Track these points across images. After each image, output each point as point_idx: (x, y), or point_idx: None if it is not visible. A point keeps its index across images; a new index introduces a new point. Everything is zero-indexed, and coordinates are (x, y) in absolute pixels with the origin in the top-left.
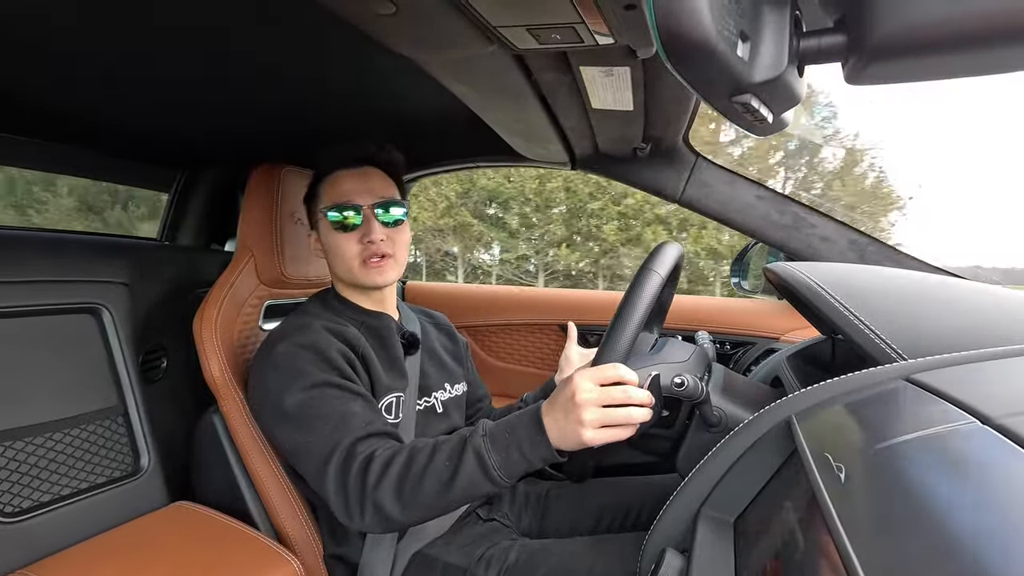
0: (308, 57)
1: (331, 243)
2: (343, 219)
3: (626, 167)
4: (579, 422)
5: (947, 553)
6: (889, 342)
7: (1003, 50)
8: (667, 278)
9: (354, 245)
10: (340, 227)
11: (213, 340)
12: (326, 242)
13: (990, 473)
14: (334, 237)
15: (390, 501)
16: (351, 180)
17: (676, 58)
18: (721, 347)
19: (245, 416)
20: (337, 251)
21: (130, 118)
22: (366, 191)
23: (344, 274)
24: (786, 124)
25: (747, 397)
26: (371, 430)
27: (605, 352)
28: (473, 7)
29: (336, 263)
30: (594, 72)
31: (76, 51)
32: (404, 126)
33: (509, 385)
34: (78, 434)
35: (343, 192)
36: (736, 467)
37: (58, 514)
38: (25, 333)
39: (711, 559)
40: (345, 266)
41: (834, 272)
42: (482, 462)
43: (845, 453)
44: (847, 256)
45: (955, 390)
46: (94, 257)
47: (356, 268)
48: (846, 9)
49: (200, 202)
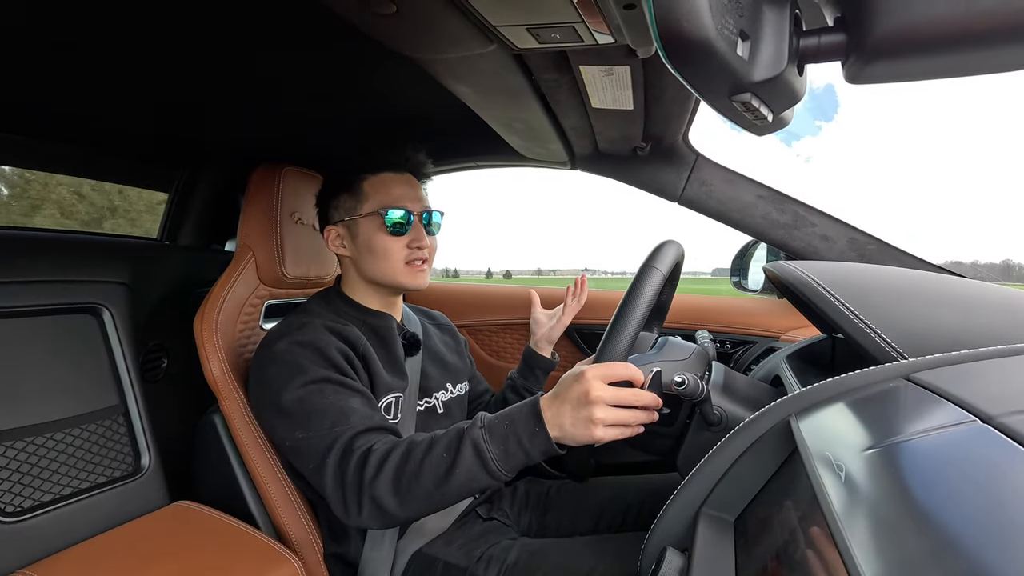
0: (308, 58)
1: (378, 243)
2: (402, 222)
3: (626, 166)
4: (590, 419)
5: (948, 552)
6: (889, 341)
7: (1003, 49)
8: (668, 275)
9: (402, 248)
10: (395, 229)
11: (213, 340)
12: (369, 241)
13: (991, 472)
14: (384, 239)
15: (387, 495)
16: (401, 185)
17: (676, 57)
18: (721, 346)
19: (246, 416)
20: (384, 252)
21: (131, 118)
22: (415, 197)
23: (383, 274)
24: (787, 123)
25: (747, 396)
26: (369, 425)
27: (607, 349)
28: (473, 7)
29: (376, 263)
30: (594, 71)
31: (77, 50)
32: (404, 126)
33: None
34: (79, 434)
35: (398, 196)
36: (736, 466)
37: (59, 514)
38: (26, 333)
39: (711, 558)
40: (390, 267)
41: (834, 271)
42: (480, 454)
43: (845, 452)
44: (847, 255)
45: (956, 389)
46: (94, 257)
47: (401, 270)
48: (846, 8)
49: (200, 202)
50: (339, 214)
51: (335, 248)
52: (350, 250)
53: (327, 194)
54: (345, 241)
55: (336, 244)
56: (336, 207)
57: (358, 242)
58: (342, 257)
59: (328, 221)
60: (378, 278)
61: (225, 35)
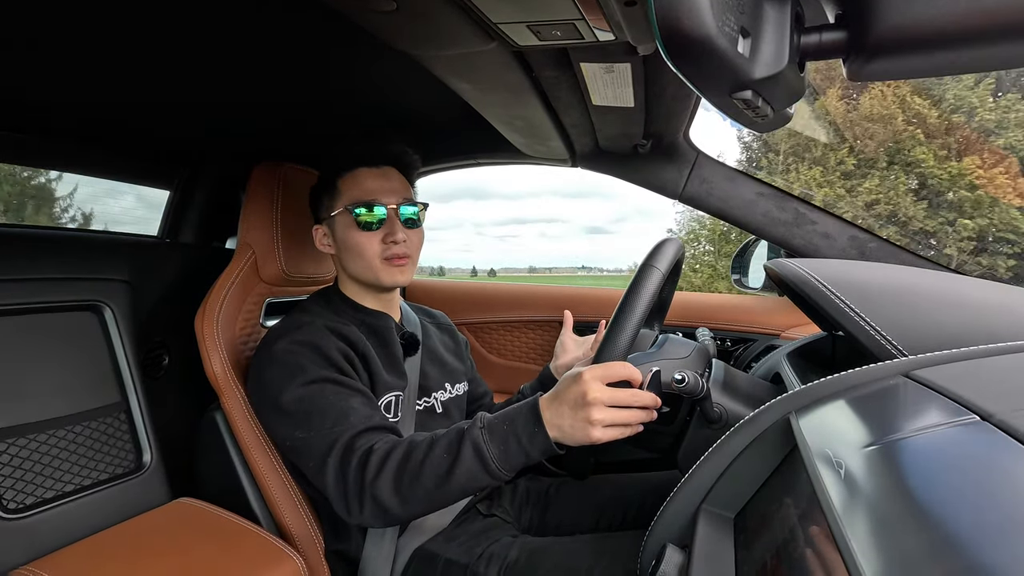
0: (309, 55)
1: (351, 241)
2: (369, 217)
3: (627, 164)
4: (588, 420)
5: (948, 549)
6: (889, 338)
7: (1004, 45)
8: (667, 274)
9: (376, 244)
10: (365, 225)
11: (214, 337)
12: (344, 239)
13: (990, 469)
14: (356, 235)
15: (388, 494)
16: (374, 179)
17: (677, 54)
18: (722, 343)
19: (247, 413)
20: (358, 249)
21: (132, 116)
22: (389, 191)
23: (362, 272)
24: (788, 119)
25: (747, 393)
26: (370, 424)
27: (607, 348)
28: (473, 4)
29: (354, 261)
30: (595, 68)
31: (79, 48)
32: (404, 123)
33: (509, 382)
34: (81, 431)
35: (368, 190)
36: (736, 463)
37: (61, 510)
38: (27, 330)
39: (711, 555)
40: (366, 264)
41: (834, 268)
42: (480, 454)
43: (845, 449)
44: (848, 252)
45: (956, 386)
46: (96, 255)
47: (378, 266)
48: (846, 5)
49: (201, 199)
50: (323, 213)
51: (322, 247)
52: (335, 249)
53: (314, 194)
54: (328, 240)
55: (323, 243)
56: (319, 207)
57: (337, 240)
58: (333, 256)
59: (316, 221)
60: (359, 276)
61: (225, 34)
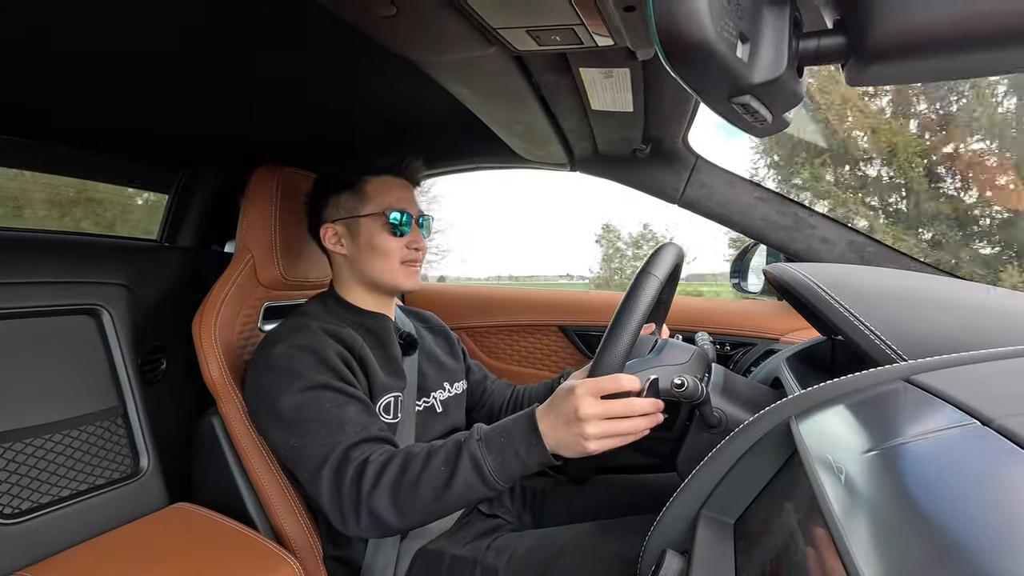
0: (308, 59)
1: (379, 243)
2: (404, 223)
3: (626, 168)
4: (581, 435)
5: (948, 554)
6: (889, 343)
7: (1003, 50)
8: (666, 280)
9: (402, 248)
10: (397, 231)
11: (212, 341)
12: (371, 240)
13: (990, 474)
14: (386, 239)
15: (385, 507)
16: (402, 188)
17: (676, 59)
18: (721, 348)
19: (244, 418)
20: (384, 251)
21: (131, 119)
22: (412, 201)
23: (380, 274)
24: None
25: (747, 398)
26: (365, 435)
27: (603, 359)
28: (473, 9)
29: (374, 262)
30: (594, 73)
31: (76, 52)
32: (403, 128)
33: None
34: (78, 435)
35: (399, 199)
36: (736, 468)
37: (58, 515)
38: (24, 334)
39: (711, 560)
40: (388, 267)
41: (834, 273)
42: (478, 466)
43: (845, 454)
44: (847, 257)
45: (955, 391)
46: (93, 258)
47: (397, 269)
48: (845, 10)
49: (200, 203)
50: (339, 212)
51: (331, 246)
52: (348, 249)
53: (325, 191)
54: (344, 240)
55: (333, 242)
56: (336, 205)
57: (359, 241)
58: (336, 258)
59: (324, 219)
60: (375, 277)
61: (225, 37)
